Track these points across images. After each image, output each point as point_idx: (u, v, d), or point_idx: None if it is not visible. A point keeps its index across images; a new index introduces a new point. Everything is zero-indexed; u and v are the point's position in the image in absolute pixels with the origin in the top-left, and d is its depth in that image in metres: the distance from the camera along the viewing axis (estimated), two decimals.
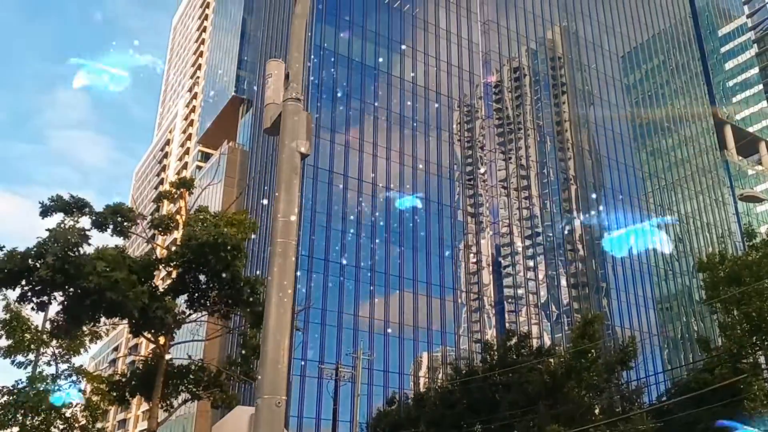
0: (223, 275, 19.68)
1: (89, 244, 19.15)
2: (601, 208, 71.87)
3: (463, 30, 69.59)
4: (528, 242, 66.18)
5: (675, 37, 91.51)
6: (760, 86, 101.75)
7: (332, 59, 59.49)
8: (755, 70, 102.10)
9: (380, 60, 62.45)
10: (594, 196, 72.09)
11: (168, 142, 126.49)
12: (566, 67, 76.88)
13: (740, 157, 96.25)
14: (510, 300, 62.44)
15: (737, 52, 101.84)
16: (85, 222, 19.84)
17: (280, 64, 8.40)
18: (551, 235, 67.14)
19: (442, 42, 67.52)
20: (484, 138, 68.26)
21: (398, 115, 61.91)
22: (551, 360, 32.51)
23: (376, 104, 61.18)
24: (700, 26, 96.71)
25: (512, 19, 73.87)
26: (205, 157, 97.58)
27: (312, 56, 57.43)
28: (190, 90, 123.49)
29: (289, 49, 8.62)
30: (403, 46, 64.49)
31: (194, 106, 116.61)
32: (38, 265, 18.22)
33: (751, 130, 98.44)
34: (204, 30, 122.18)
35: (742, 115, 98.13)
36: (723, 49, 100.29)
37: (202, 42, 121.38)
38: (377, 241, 56.68)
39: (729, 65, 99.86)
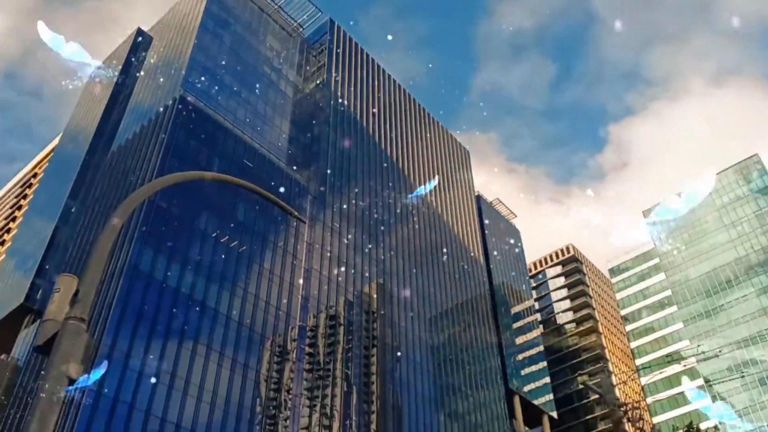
0: None
1: None
2: None
3: (286, 272, 71.17)
4: None
5: (476, 309, 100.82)
6: (545, 363, 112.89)
7: (145, 283, 56.70)
8: (541, 348, 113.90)
9: (196, 289, 60.80)
10: None
11: None
12: (379, 321, 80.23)
13: (527, 428, 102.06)
14: None
15: (527, 329, 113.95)
16: None
17: (73, 279, 7.66)
18: None
19: (264, 281, 68.08)
20: (292, 381, 66.43)
21: (205, 347, 58.88)
22: None
23: (183, 332, 58.01)
24: (496, 302, 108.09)
25: (334, 270, 77.49)
26: None
27: (122, 277, 54.49)
28: None
29: (88, 264, 7.95)
30: (224, 280, 63.83)
31: None
32: None
33: (535, 402, 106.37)
34: (14, 219, 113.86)
35: (529, 388, 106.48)
36: (515, 325, 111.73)
37: (8, 231, 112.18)
38: None
39: (519, 340, 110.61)
